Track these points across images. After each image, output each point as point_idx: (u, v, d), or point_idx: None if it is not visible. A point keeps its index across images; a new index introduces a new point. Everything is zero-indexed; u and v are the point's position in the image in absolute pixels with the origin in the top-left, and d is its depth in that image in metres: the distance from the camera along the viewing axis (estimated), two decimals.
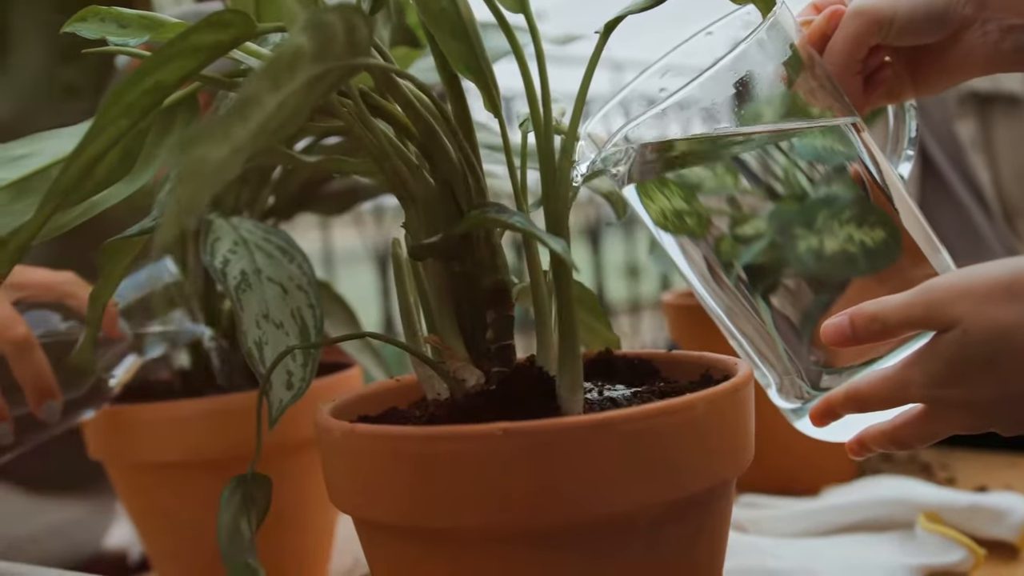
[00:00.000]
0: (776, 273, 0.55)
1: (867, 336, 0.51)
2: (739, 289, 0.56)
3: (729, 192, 0.55)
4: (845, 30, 0.57)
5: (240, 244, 0.62)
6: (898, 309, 0.50)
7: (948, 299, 0.49)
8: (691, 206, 0.55)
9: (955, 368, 0.49)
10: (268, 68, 0.35)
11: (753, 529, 0.79)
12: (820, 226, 0.53)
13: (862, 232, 0.55)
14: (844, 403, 0.53)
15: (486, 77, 0.49)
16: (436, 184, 0.51)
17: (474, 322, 0.52)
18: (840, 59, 0.57)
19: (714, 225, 0.55)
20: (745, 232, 0.55)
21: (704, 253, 0.56)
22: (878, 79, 0.60)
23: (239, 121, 0.33)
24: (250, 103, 0.34)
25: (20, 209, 0.47)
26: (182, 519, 0.72)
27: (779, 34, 0.54)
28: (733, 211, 0.55)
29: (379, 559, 0.49)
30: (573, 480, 0.43)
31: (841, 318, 0.51)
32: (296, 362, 0.56)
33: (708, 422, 0.45)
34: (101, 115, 0.43)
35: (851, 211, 0.54)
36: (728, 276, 0.56)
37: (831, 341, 0.52)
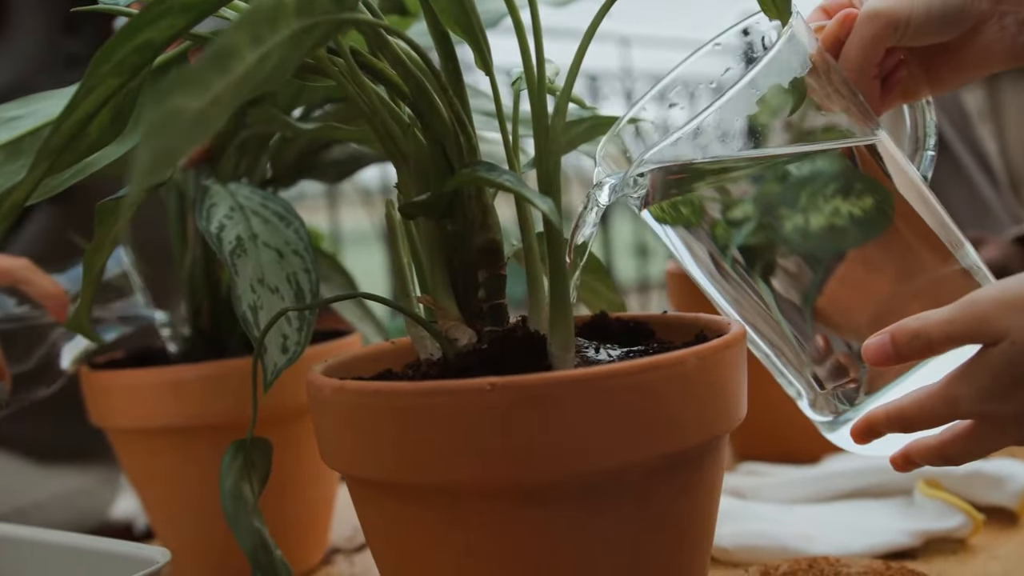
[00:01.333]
0: (770, 253, 0.54)
1: (909, 353, 0.50)
2: (740, 276, 0.55)
3: (714, 182, 0.54)
4: (860, 34, 0.56)
5: (236, 209, 0.62)
6: (941, 324, 0.49)
7: (994, 312, 0.48)
8: (685, 196, 0.55)
9: (1005, 381, 0.48)
10: (246, 20, 0.35)
11: (753, 496, 0.79)
12: (804, 204, 0.53)
13: (849, 203, 0.54)
14: (887, 423, 0.51)
15: (477, 35, 0.49)
16: (428, 143, 0.50)
17: (466, 281, 0.52)
18: (856, 64, 0.56)
19: (708, 211, 0.55)
20: (735, 216, 0.55)
21: (705, 244, 0.55)
22: (893, 80, 0.59)
23: (217, 72, 0.33)
24: (230, 55, 0.34)
25: (13, 170, 0.48)
26: (182, 485, 0.73)
27: (797, 46, 0.53)
28: (723, 196, 0.55)
29: (370, 517, 0.49)
30: (562, 435, 0.43)
31: (882, 336, 0.50)
32: (291, 326, 0.56)
33: (698, 378, 0.45)
34: (90, 74, 0.43)
35: (836, 184, 0.53)
36: (727, 263, 0.55)
37: (873, 360, 0.50)
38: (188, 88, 0.33)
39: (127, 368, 0.74)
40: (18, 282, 0.73)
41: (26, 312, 0.74)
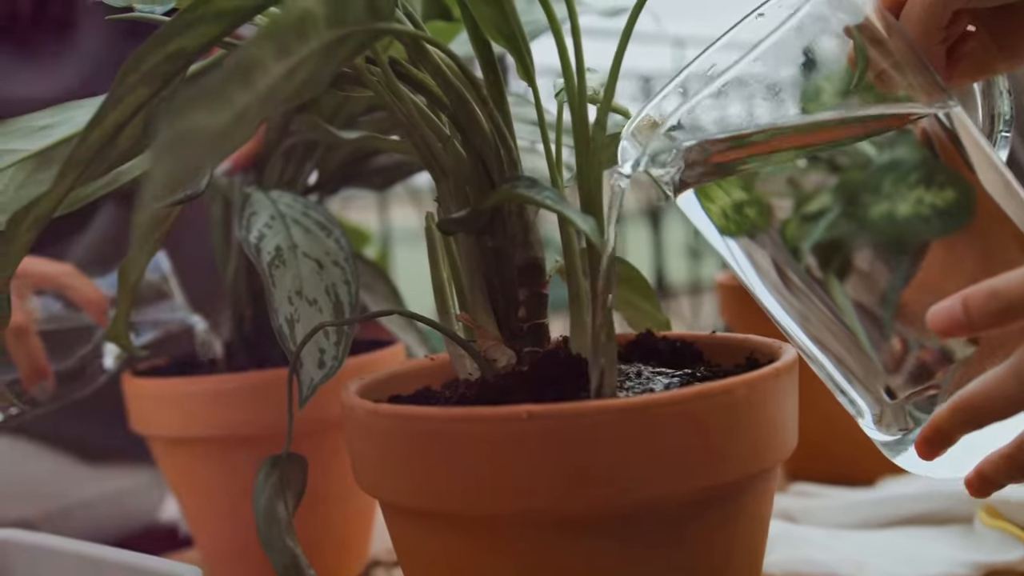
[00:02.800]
0: (847, 249, 0.49)
1: (983, 318, 0.41)
2: (810, 283, 0.51)
3: (788, 172, 0.50)
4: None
5: (277, 218, 0.61)
6: (1020, 278, 0.41)
7: None
8: (751, 194, 0.51)
9: None
10: (271, 30, 0.33)
11: (804, 519, 0.76)
12: (889, 190, 0.48)
13: (932, 194, 0.50)
14: (952, 418, 0.44)
15: (519, 43, 0.47)
16: (468, 156, 0.49)
17: (506, 300, 0.50)
18: (919, 27, 0.50)
19: (776, 211, 0.51)
20: (811, 209, 0.50)
21: (770, 251, 0.51)
22: (960, 52, 0.53)
23: (241, 86, 0.32)
24: (253, 67, 0.33)
25: (44, 179, 0.47)
26: (220, 493, 0.72)
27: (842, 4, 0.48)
28: (795, 191, 0.51)
29: (403, 540, 0.48)
30: (601, 466, 0.41)
31: (951, 300, 0.42)
32: (329, 340, 0.54)
33: (747, 408, 0.43)
34: (118, 83, 0.42)
35: (917, 173, 0.49)
36: (797, 269, 0.51)
37: (941, 330, 0.42)
38: (208, 103, 0.31)
39: (169, 376, 0.74)
40: (61, 287, 0.76)
41: (70, 313, 0.76)
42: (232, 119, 0.32)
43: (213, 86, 0.31)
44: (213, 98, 0.32)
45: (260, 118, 0.35)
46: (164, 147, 0.30)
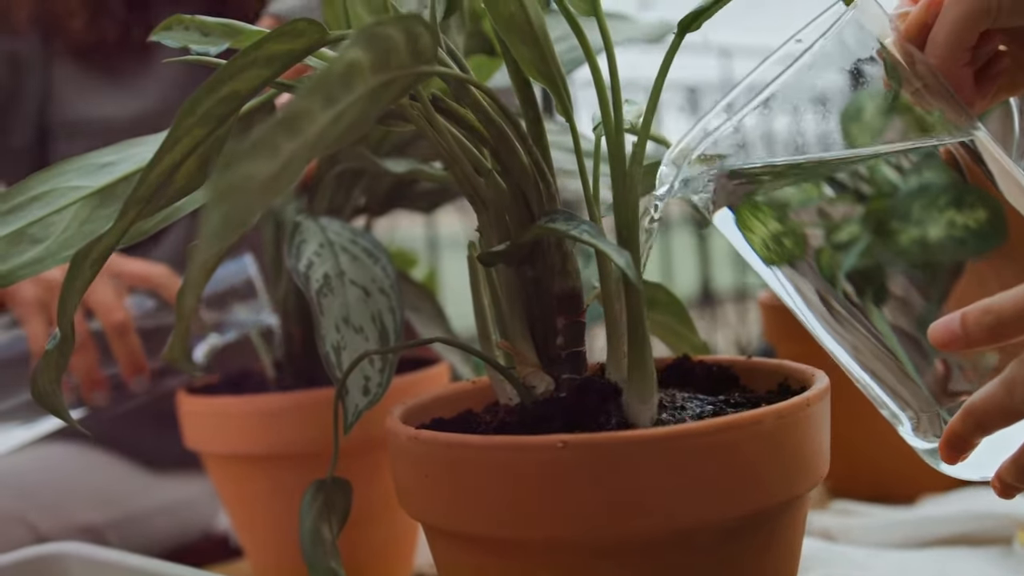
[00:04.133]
0: (881, 277, 0.51)
1: (980, 333, 0.44)
2: (850, 311, 0.52)
3: (816, 203, 0.52)
4: (948, 16, 0.50)
5: (326, 246, 0.63)
6: (1011, 297, 0.44)
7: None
8: (785, 225, 0.52)
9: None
10: (318, 83, 0.35)
11: (843, 538, 0.77)
12: (918, 216, 0.49)
13: (963, 216, 0.50)
14: (963, 425, 0.46)
15: (557, 81, 0.49)
16: (508, 189, 0.50)
17: (545, 328, 0.52)
18: (944, 51, 0.50)
19: (811, 240, 0.52)
20: (841, 238, 0.51)
21: (811, 280, 0.52)
22: (994, 71, 0.53)
23: (287, 136, 0.34)
24: (301, 118, 0.34)
25: (106, 215, 0.49)
26: (269, 509, 0.74)
27: (862, 31, 0.50)
28: (825, 221, 0.52)
29: (444, 562, 0.49)
30: (635, 494, 0.42)
31: (950, 316, 0.45)
32: (374, 367, 0.56)
33: (777, 437, 0.44)
34: (176, 126, 0.44)
35: (946, 197, 0.49)
36: (836, 296, 0.52)
37: (940, 344, 0.45)
38: (258, 153, 0.33)
39: (221, 394, 0.76)
40: (156, 287, 0.83)
41: (163, 312, 0.83)
42: (279, 167, 0.34)
43: (262, 137, 0.33)
44: (262, 148, 0.34)
45: (307, 162, 0.37)
46: (218, 197, 0.32)
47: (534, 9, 0.47)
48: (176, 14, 1.05)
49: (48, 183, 0.47)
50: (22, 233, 0.45)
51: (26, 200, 0.46)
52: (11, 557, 0.63)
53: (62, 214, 0.46)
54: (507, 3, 0.46)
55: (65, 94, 1.12)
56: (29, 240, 0.45)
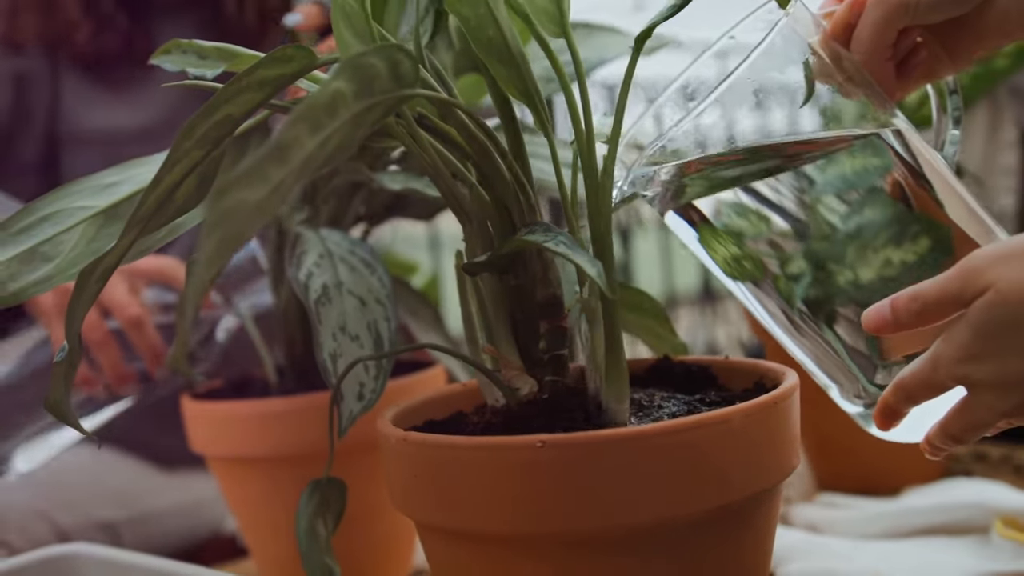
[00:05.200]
0: (830, 304, 0.54)
1: (907, 317, 0.48)
2: (808, 326, 0.55)
3: (767, 236, 0.55)
4: (870, 16, 0.55)
5: (326, 256, 0.66)
6: (935, 283, 0.48)
7: (983, 266, 0.46)
8: (743, 251, 0.55)
9: (981, 336, 0.46)
10: (304, 113, 0.38)
11: (828, 530, 0.80)
12: (852, 259, 0.52)
13: (902, 251, 0.53)
14: (895, 396, 0.50)
15: (534, 99, 0.51)
16: (491, 201, 0.53)
17: (528, 333, 0.54)
18: (868, 48, 0.55)
19: (769, 267, 0.55)
20: (791, 271, 0.55)
21: (774, 298, 0.55)
22: (914, 62, 0.58)
23: (276, 163, 0.37)
24: (289, 146, 0.37)
25: (112, 233, 0.52)
26: (272, 509, 0.77)
27: (793, 36, 0.53)
28: (777, 253, 0.55)
29: (434, 557, 0.52)
30: (610, 489, 0.45)
31: (881, 303, 0.49)
32: (368, 373, 0.59)
33: (744, 434, 0.47)
34: (174, 148, 0.47)
35: (886, 234, 0.53)
36: (792, 314, 0.55)
37: (873, 328, 0.49)
38: (248, 181, 0.36)
39: (224, 399, 0.79)
40: (169, 280, 0.87)
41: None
42: (269, 192, 0.37)
43: (253, 165, 0.36)
44: (252, 176, 0.36)
45: (296, 185, 0.40)
46: (213, 223, 0.34)
47: (511, 32, 0.50)
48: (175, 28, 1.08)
49: (57, 203, 0.50)
50: (34, 252, 0.48)
51: (36, 220, 0.49)
52: (26, 558, 0.66)
53: (71, 233, 0.49)
54: (486, 27, 0.49)
55: (73, 106, 1.15)
56: (41, 258, 0.48)
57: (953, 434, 0.50)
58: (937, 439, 0.51)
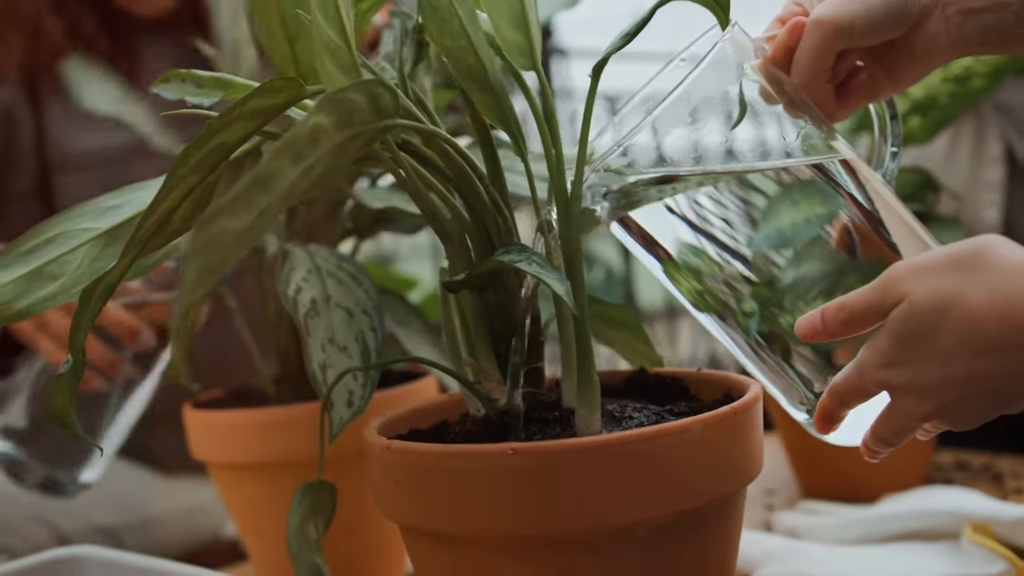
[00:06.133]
0: (783, 339, 0.57)
1: (835, 325, 0.51)
2: (766, 355, 0.58)
3: (721, 277, 0.58)
4: (808, 41, 0.57)
5: (314, 271, 0.69)
6: (859, 294, 0.50)
7: (901, 277, 0.49)
8: (704, 286, 0.58)
9: (898, 343, 0.49)
10: (286, 145, 0.41)
11: (808, 536, 0.82)
12: (789, 308, 0.55)
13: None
14: (830, 401, 0.53)
15: (511, 124, 0.54)
16: (472, 222, 0.56)
17: (507, 347, 0.57)
18: (807, 71, 0.57)
19: (728, 303, 0.58)
20: (745, 309, 0.58)
21: (735, 329, 0.59)
22: (854, 83, 0.60)
23: (260, 191, 0.40)
24: (272, 175, 0.40)
25: (113, 253, 0.55)
26: (270, 514, 0.79)
27: (730, 60, 0.56)
28: (732, 292, 0.58)
29: (417, 558, 0.55)
30: (576, 493, 0.48)
31: (812, 313, 0.52)
32: (357, 382, 0.62)
33: (705, 443, 0.50)
34: (171, 174, 0.50)
35: (819, 287, 0.55)
36: (754, 344, 0.58)
37: (805, 336, 0.52)
38: (232, 209, 0.39)
39: (224, 408, 0.82)
40: None
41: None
42: (253, 219, 0.40)
43: (238, 193, 0.39)
44: (237, 204, 0.39)
45: (280, 212, 0.43)
46: (194, 251, 0.38)
47: (490, 62, 0.53)
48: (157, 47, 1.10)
49: (61, 225, 0.53)
50: (40, 271, 0.51)
51: (42, 242, 0.52)
52: (31, 560, 0.69)
53: (75, 253, 0.52)
54: (466, 57, 0.52)
55: (60, 132, 1.17)
56: (47, 277, 0.51)
57: (882, 437, 0.53)
58: (871, 442, 0.54)
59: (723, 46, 0.55)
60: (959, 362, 0.48)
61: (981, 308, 0.47)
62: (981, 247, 0.49)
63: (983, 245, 0.49)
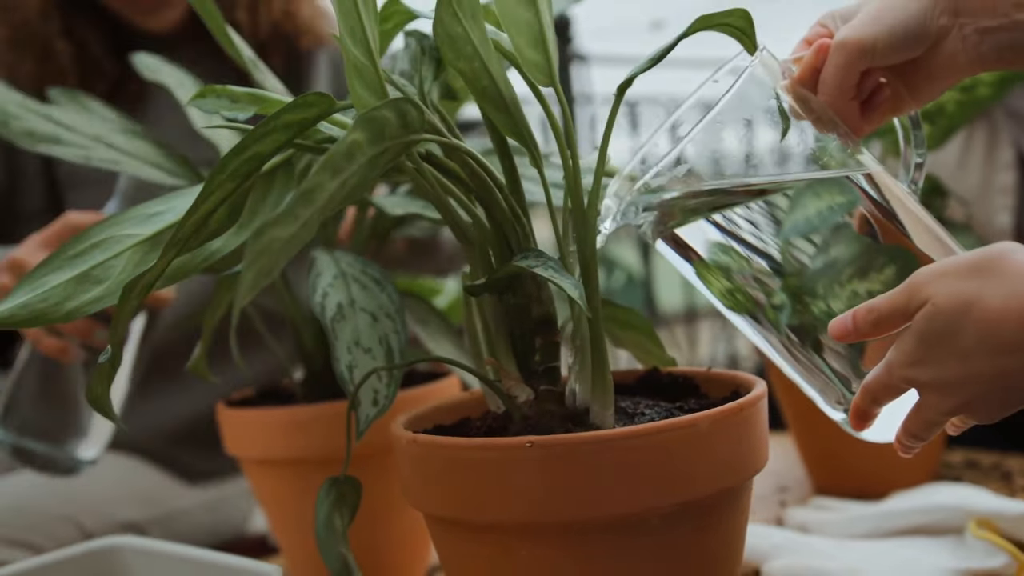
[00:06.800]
0: (814, 332, 0.60)
1: (865, 327, 0.54)
2: (799, 352, 0.61)
3: (749, 273, 0.61)
4: (833, 62, 0.60)
5: (339, 276, 0.72)
6: (886, 297, 0.54)
7: (925, 280, 0.52)
8: (734, 284, 0.61)
9: (923, 343, 0.52)
10: (327, 161, 0.44)
11: (817, 530, 0.85)
12: (823, 293, 0.58)
13: (868, 282, 0.59)
14: (862, 399, 0.56)
15: (527, 140, 0.58)
16: (492, 229, 0.59)
17: (525, 347, 0.60)
18: (833, 90, 0.61)
19: (757, 299, 0.61)
20: (775, 303, 0.60)
21: (766, 327, 0.61)
22: (878, 99, 0.63)
23: (304, 204, 0.43)
24: (314, 190, 0.44)
25: (154, 259, 0.58)
26: (300, 508, 0.83)
27: (761, 81, 0.59)
28: (761, 287, 0.61)
29: (441, 545, 0.58)
30: (590, 484, 0.51)
31: (844, 315, 0.55)
32: (381, 382, 0.65)
33: (711, 437, 0.53)
34: (210, 181, 0.54)
35: (851, 268, 0.58)
36: (786, 341, 0.61)
37: (838, 336, 0.55)
38: (281, 222, 0.43)
39: (256, 407, 0.85)
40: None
41: None
42: (298, 229, 0.44)
43: (285, 209, 0.43)
44: (284, 216, 0.43)
45: (320, 221, 0.46)
46: (252, 258, 0.41)
47: (504, 82, 0.56)
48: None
49: (106, 231, 0.57)
50: (87, 275, 0.55)
51: (88, 247, 0.56)
52: (72, 551, 0.72)
53: (119, 258, 0.56)
54: (481, 79, 0.56)
55: None
56: (93, 281, 0.55)
57: (913, 432, 0.56)
58: (903, 437, 0.57)
59: (754, 68, 0.58)
60: (980, 360, 0.51)
61: (1000, 310, 0.50)
62: (1000, 253, 0.52)
63: (1002, 251, 0.52)
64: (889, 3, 0.59)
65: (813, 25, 0.64)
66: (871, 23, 0.60)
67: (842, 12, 0.63)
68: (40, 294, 0.53)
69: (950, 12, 0.59)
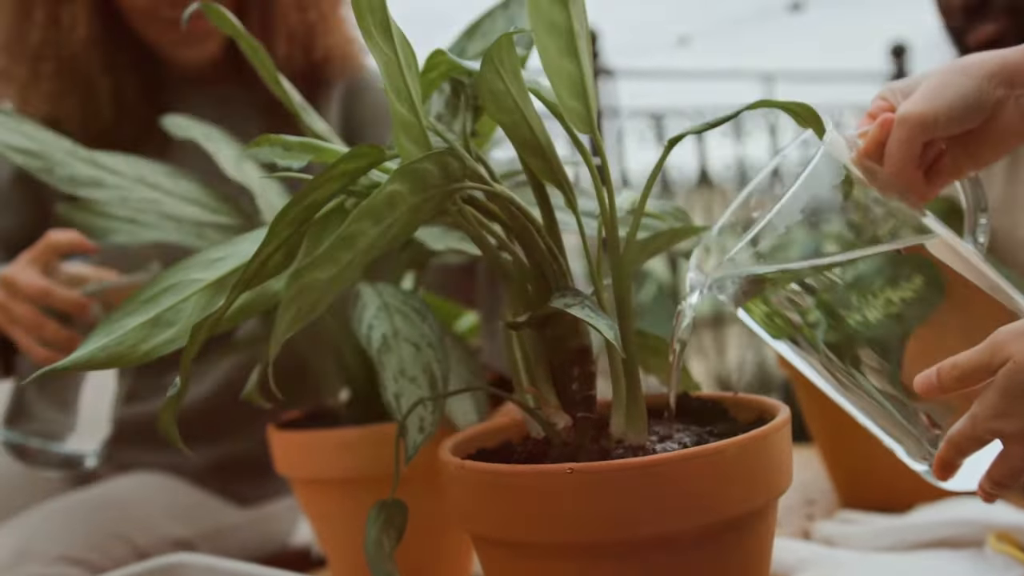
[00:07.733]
0: (851, 348, 0.63)
1: (949, 381, 0.58)
2: (844, 376, 0.64)
3: (784, 292, 0.64)
4: (896, 136, 0.64)
5: (382, 309, 0.76)
6: (970, 354, 0.58)
7: (1006, 340, 0.57)
8: (770, 307, 0.64)
9: (1007, 398, 0.56)
10: (366, 210, 0.49)
11: (842, 543, 0.88)
12: (857, 303, 0.62)
13: (899, 290, 0.63)
14: (947, 451, 0.59)
15: (562, 184, 0.62)
16: (530, 267, 0.64)
17: (563, 376, 0.65)
18: (898, 162, 0.64)
19: (792, 320, 0.64)
20: (810, 320, 0.64)
21: (806, 349, 0.64)
22: (940, 166, 0.67)
23: (344, 249, 0.48)
24: (354, 236, 0.48)
25: (220, 302, 0.63)
26: (348, 525, 0.87)
27: (830, 159, 0.62)
28: (794, 306, 0.64)
29: (486, 564, 0.63)
30: (624, 508, 0.55)
31: (928, 371, 0.59)
32: (427, 410, 0.70)
33: (736, 463, 0.57)
34: (272, 228, 0.58)
35: (882, 277, 0.62)
36: (827, 364, 0.64)
37: (923, 392, 0.59)
38: (320, 264, 0.47)
39: (305, 428, 0.90)
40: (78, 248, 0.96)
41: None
42: (339, 271, 0.48)
43: (324, 252, 0.47)
44: (324, 260, 0.47)
45: (364, 266, 0.51)
46: (290, 298, 0.45)
47: (541, 131, 0.60)
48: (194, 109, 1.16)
49: (175, 276, 0.61)
50: (159, 318, 0.59)
51: (160, 291, 0.61)
52: (138, 567, 0.77)
53: (187, 302, 0.60)
54: (520, 128, 0.60)
55: None
56: (165, 324, 0.59)
57: (997, 480, 0.59)
58: (987, 485, 0.60)
59: (825, 148, 0.62)
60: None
61: None
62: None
63: None
64: (948, 78, 0.63)
65: (875, 99, 0.68)
66: (932, 98, 0.63)
67: (902, 87, 0.66)
68: (116, 338, 0.58)
69: (1006, 84, 0.63)
